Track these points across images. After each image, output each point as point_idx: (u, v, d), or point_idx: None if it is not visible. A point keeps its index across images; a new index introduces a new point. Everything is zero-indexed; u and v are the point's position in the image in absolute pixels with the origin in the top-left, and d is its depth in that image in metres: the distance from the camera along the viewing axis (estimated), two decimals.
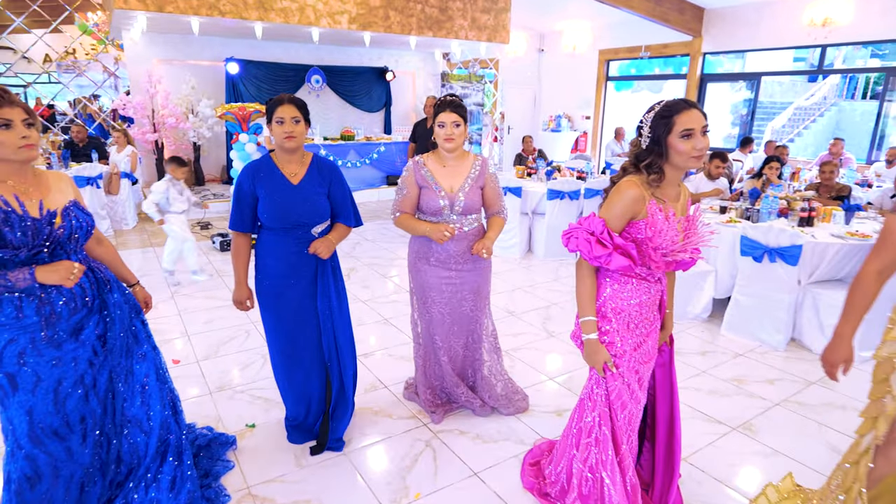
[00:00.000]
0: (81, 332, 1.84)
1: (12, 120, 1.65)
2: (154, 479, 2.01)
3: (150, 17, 6.93)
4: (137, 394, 1.99)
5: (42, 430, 1.80)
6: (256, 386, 3.17)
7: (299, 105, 2.27)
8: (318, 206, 2.33)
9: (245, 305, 2.45)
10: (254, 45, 8.95)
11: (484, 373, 2.86)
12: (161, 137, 8.47)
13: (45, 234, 1.71)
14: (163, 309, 4.32)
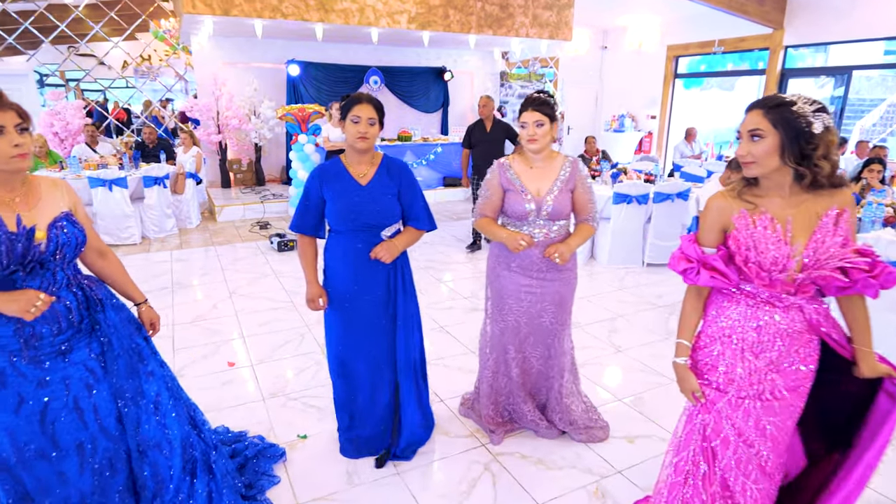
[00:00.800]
0: (70, 353, 1.70)
1: (4, 126, 1.50)
2: (189, 497, 1.90)
3: (216, 20, 7.09)
4: (151, 414, 1.83)
5: (27, 452, 1.67)
6: (310, 394, 3.08)
7: (377, 106, 2.19)
8: (387, 208, 2.24)
9: (317, 304, 2.32)
10: (314, 46, 9.04)
11: (559, 392, 2.62)
12: (225, 138, 8.69)
13: (18, 252, 1.54)
14: (221, 308, 4.34)
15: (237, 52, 8.77)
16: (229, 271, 5.31)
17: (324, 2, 7.27)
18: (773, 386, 1.62)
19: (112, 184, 6.00)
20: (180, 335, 3.84)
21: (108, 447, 1.78)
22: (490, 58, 10.97)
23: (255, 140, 8.71)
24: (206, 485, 1.95)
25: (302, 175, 7.26)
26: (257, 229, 6.96)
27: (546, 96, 2.32)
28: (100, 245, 1.85)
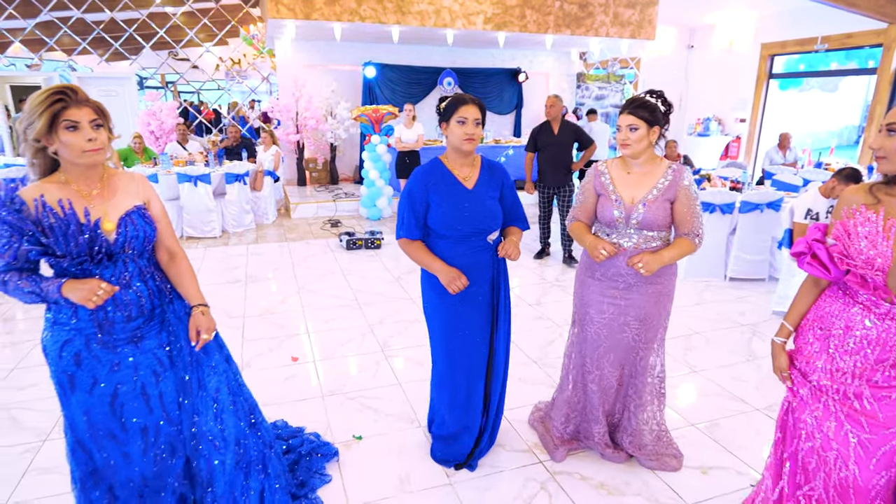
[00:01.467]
0: (141, 340, 1.77)
1: (79, 122, 1.56)
2: (242, 494, 1.92)
3: (298, 24, 7.35)
4: (209, 408, 1.86)
5: (98, 431, 1.76)
6: (368, 394, 3.07)
7: (481, 106, 2.13)
8: (494, 211, 2.19)
9: (459, 280, 2.12)
10: (390, 49, 9.19)
11: (636, 415, 2.43)
12: (302, 138, 9.00)
13: (85, 243, 1.62)
14: (289, 303, 4.46)
15: (317, 55, 9.07)
16: (299, 267, 5.46)
17: (401, 4, 7.35)
18: (860, 395, 1.55)
19: (197, 180, 6.36)
20: (249, 327, 3.97)
21: (169, 433, 1.84)
22: (567, 58, 10.69)
23: (330, 140, 8.97)
24: (260, 483, 1.97)
25: (373, 175, 7.37)
26: (328, 227, 7.14)
27: (647, 99, 2.16)
28: (171, 245, 1.86)
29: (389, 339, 3.77)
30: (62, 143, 1.56)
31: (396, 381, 3.20)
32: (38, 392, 3.09)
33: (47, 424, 2.77)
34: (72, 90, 1.57)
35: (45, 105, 1.52)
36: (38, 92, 1.56)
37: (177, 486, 1.91)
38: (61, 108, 1.54)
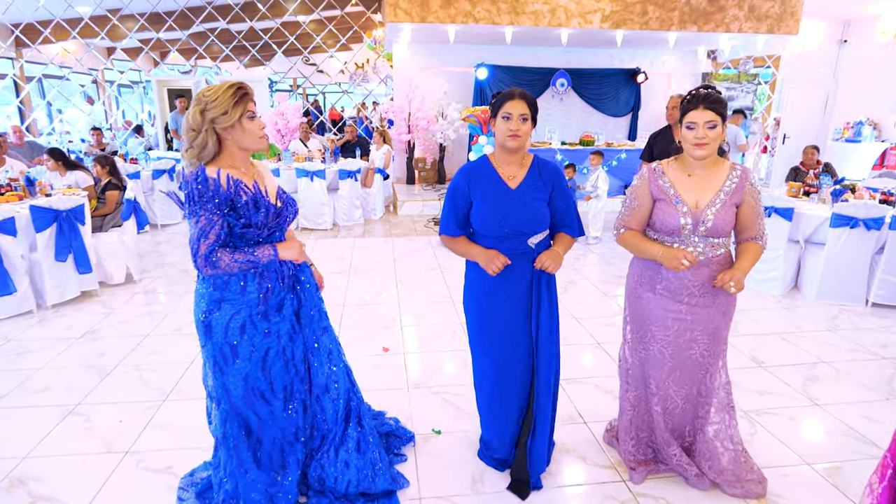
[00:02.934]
0: (283, 307, 1.96)
1: (253, 112, 1.83)
2: (342, 442, 2.12)
3: (414, 28, 7.59)
4: (325, 363, 2.09)
5: (253, 393, 1.96)
6: (451, 390, 3.09)
7: (530, 102, 2.04)
8: (537, 214, 2.07)
9: (498, 259, 2.03)
10: (503, 50, 9.18)
11: (708, 435, 2.25)
12: (413, 138, 9.29)
13: (273, 215, 1.87)
14: (386, 296, 4.61)
15: (430, 58, 9.31)
16: (400, 262, 5.63)
17: (515, 5, 7.31)
18: None
19: (313, 175, 6.81)
20: (347, 315, 4.17)
21: (300, 390, 2.05)
22: (692, 57, 9.99)
23: (440, 140, 9.16)
24: (357, 433, 2.16)
25: None
26: (431, 225, 7.29)
27: (716, 93, 1.98)
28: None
29: None
30: (244, 130, 1.80)
31: None
32: (164, 357, 3.48)
33: (168, 386, 3.11)
34: (242, 86, 1.82)
35: (236, 98, 1.77)
36: (218, 86, 1.79)
37: (304, 440, 2.11)
38: (248, 99, 1.82)
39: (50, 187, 5.00)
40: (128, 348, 3.61)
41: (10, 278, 4.00)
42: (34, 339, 3.77)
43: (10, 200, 4.43)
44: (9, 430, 2.69)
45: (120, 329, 3.94)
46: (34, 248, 4.26)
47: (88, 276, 4.55)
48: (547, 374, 2.18)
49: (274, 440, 2.05)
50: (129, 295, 4.66)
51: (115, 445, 2.57)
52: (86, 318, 4.14)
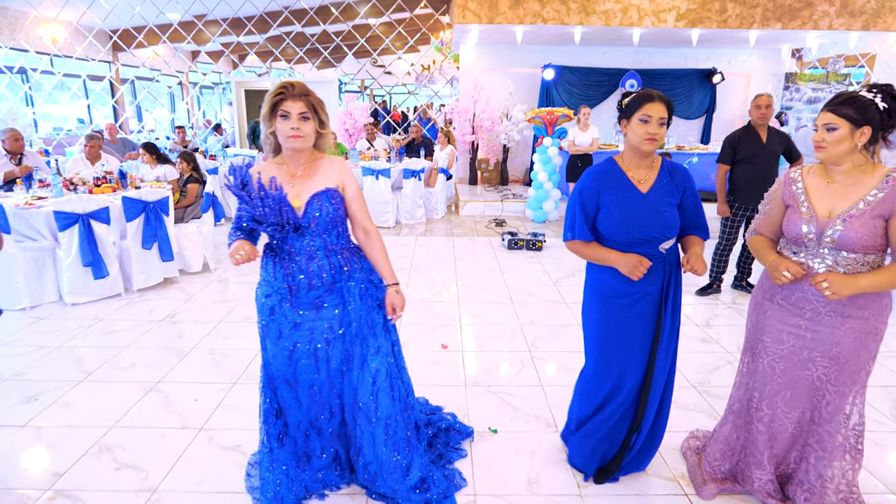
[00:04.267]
0: (320, 308, 2.00)
1: (290, 112, 1.84)
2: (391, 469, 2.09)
3: (482, 29, 7.62)
4: (369, 385, 2.03)
5: (279, 376, 2.06)
6: (509, 391, 3.07)
7: (669, 105, 1.98)
8: (669, 219, 2.02)
9: (642, 265, 1.97)
10: (571, 50, 9.04)
11: (819, 471, 2.03)
12: (477, 139, 9.31)
13: (276, 215, 1.87)
14: (445, 295, 4.65)
15: (497, 59, 9.30)
16: (461, 261, 5.66)
17: (585, 4, 7.19)
18: None
19: (378, 174, 6.96)
20: (407, 312, 4.22)
21: (330, 395, 2.09)
22: (774, 56, 9.46)
23: (504, 141, 9.14)
24: (406, 458, 2.12)
25: (542, 177, 7.33)
26: (493, 225, 7.28)
27: (859, 94, 1.80)
28: (366, 224, 2.05)
29: (538, 341, 3.73)
30: (276, 129, 1.88)
31: (539, 383, 3.15)
32: (236, 342, 3.67)
33: (239, 370, 3.28)
34: (291, 86, 1.87)
35: (271, 96, 1.87)
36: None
37: (332, 438, 2.16)
38: (280, 100, 1.86)
39: (140, 180, 5.39)
40: (203, 332, 3.83)
41: (104, 263, 4.34)
42: (122, 320, 4.07)
43: (105, 192, 4.81)
44: (98, 402, 2.93)
45: (197, 314, 4.19)
46: (124, 236, 4.60)
47: (170, 263, 4.86)
48: (661, 378, 2.15)
49: (299, 424, 2.13)
50: (206, 283, 4.95)
51: (191, 422, 2.74)
52: (167, 303, 4.43)
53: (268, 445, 2.08)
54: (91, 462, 2.43)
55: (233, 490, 2.25)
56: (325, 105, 1.95)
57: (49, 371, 3.27)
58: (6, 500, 2.15)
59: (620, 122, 2.07)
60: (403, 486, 2.11)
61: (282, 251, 1.97)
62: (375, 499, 2.18)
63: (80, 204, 4.25)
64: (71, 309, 4.26)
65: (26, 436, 2.62)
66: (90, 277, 4.34)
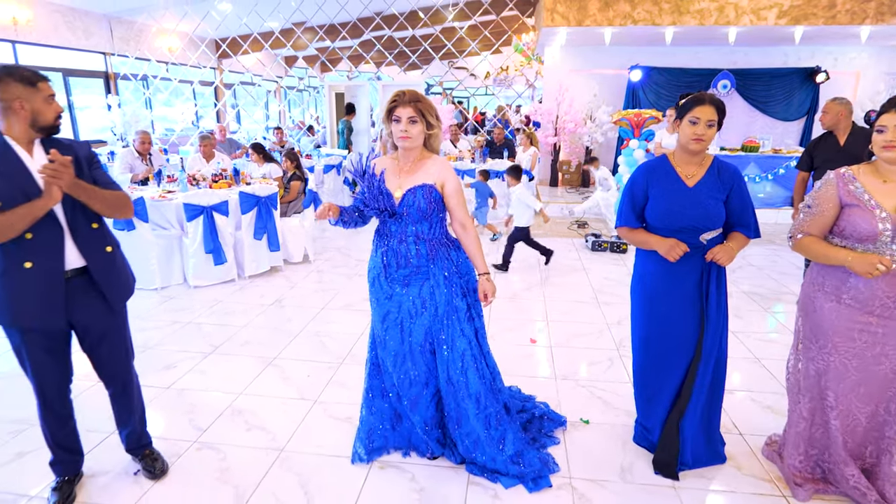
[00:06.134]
0: (408, 286, 2.27)
1: (400, 117, 2.11)
2: (486, 442, 2.30)
3: (569, 31, 7.65)
4: (457, 362, 2.27)
5: (378, 337, 2.36)
6: (599, 386, 3.17)
7: (719, 107, 2.14)
8: (711, 212, 2.16)
9: (678, 247, 2.13)
10: (661, 51, 8.85)
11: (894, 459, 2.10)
12: (559, 141, 9.33)
13: (376, 201, 2.19)
14: (532, 292, 4.78)
15: (582, 60, 9.27)
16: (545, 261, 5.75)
17: (679, 4, 7.05)
18: None
19: (464, 174, 7.18)
20: (497, 307, 4.40)
21: (415, 364, 2.33)
22: (888, 54, 8.79)
23: (586, 143, 9.10)
24: (500, 433, 2.32)
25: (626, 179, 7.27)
26: (575, 227, 7.30)
27: None
28: (463, 219, 2.27)
29: (626, 340, 3.77)
30: (391, 130, 2.18)
31: (628, 380, 3.22)
32: (338, 328, 3.99)
33: (343, 352, 3.58)
34: (403, 94, 2.14)
35: (388, 102, 2.15)
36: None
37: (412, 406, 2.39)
38: (394, 106, 2.14)
39: (249, 177, 5.91)
40: (308, 317, 4.19)
41: (222, 250, 4.84)
42: (236, 303, 4.52)
43: (222, 187, 5.33)
44: (227, 371, 3.32)
45: (301, 300, 4.57)
46: (238, 227, 5.09)
47: (276, 253, 5.32)
48: (707, 361, 2.26)
49: (394, 388, 2.40)
50: (307, 272, 5.36)
51: (307, 394, 3.05)
52: (274, 289, 4.86)
53: (369, 392, 2.45)
54: (226, 422, 2.79)
55: (346, 455, 2.51)
56: (434, 109, 2.19)
57: (182, 343, 3.72)
58: (163, 446, 2.52)
59: (675, 122, 2.22)
60: (501, 455, 2.31)
61: (382, 233, 2.30)
62: (476, 472, 2.37)
63: (205, 197, 4.76)
64: (194, 291, 4.78)
65: (170, 396, 3.03)
66: (211, 263, 4.84)
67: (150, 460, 2.38)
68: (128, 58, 10.74)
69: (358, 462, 2.45)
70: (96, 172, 2.06)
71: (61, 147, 1.97)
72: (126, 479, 2.36)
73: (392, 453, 2.51)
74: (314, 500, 2.23)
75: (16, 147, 1.90)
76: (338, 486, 2.32)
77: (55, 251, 1.94)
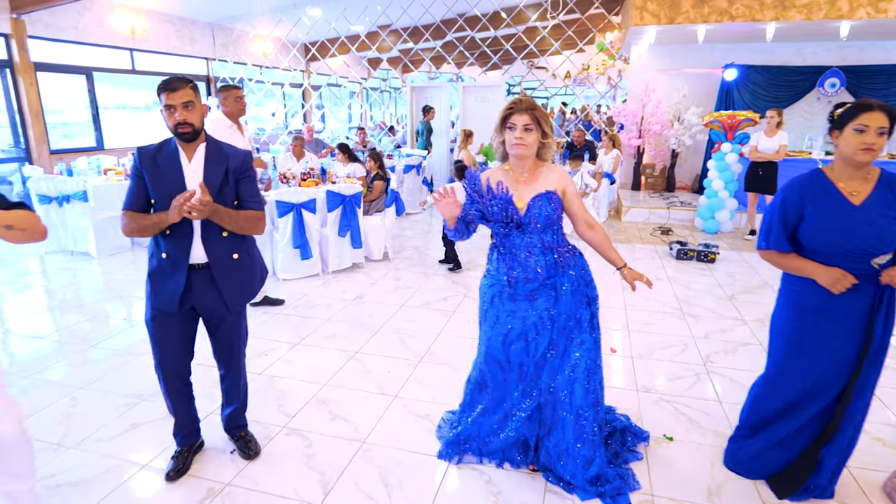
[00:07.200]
0: (535, 300, 2.21)
1: (515, 124, 2.08)
2: (573, 457, 2.26)
3: (659, 29, 7.35)
4: (567, 372, 2.22)
5: (492, 356, 2.31)
6: (683, 402, 3.03)
7: (890, 114, 1.91)
8: (885, 232, 1.93)
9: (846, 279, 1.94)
10: (759, 48, 8.30)
11: None
12: (643, 143, 8.99)
13: (502, 214, 2.15)
14: (612, 300, 4.65)
15: (671, 59, 8.87)
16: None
17: None
18: None
19: None
20: None
21: (533, 376, 2.31)
22: None
23: (673, 146, 8.71)
24: (589, 451, 2.26)
25: (717, 185, 6.89)
26: (658, 234, 7.02)
27: None
28: (588, 219, 2.27)
29: (713, 356, 3.59)
30: (504, 138, 2.16)
31: (717, 399, 3.06)
32: (417, 326, 4.07)
33: (422, 350, 3.65)
34: (520, 101, 2.13)
35: (503, 110, 2.15)
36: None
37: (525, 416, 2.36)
38: (510, 113, 2.13)
39: (335, 176, 6.16)
40: (388, 314, 4.31)
41: (309, 246, 5.08)
42: (320, 297, 4.73)
43: (310, 185, 5.59)
44: (312, 362, 3.48)
45: (381, 297, 4.71)
46: (324, 224, 5.32)
47: (358, 251, 5.51)
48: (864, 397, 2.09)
49: (500, 402, 2.37)
50: (386, 270, 5.51)
51: (387, 389, 3.14)
52: (355, 285, 5.03)
53: (470, 406, 2.45)
54: (312, 410, 2.93)
55: (424, 452, 2.57)
56: (549, 118, 2.16)
57: (273, 332, 3.95)
58: (256, 429, 2.69)
59: (831, 133, 2.01)
60: (582, 475, 2.25)
61: (504, 248, 2.23)
62: (552, 481, 2.34)
63: (295, 195, 5.01)
64: (282, 283, 5.05)
65: (262, 382, 3.23)
66: (298, 258, 5.10)
67: (244, 441, 2.55)
68: (226, 62, 11.49)
69: (446, 461, 2.48)
70: (243, 184, 2.25)
71: (220, 154, 2.19)
72: (223, 457, 2.54)
73: (484, 463, 2.48)
74: (394, 494, 2.30)
75: (181, 151, 2.16)
76: (416, 483, 2.37)
77: (184, 248, 2.16)
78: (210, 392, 2.97)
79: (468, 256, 5.90)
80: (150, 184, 2.11)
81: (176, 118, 2.07)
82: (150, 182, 2.12)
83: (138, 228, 2.10)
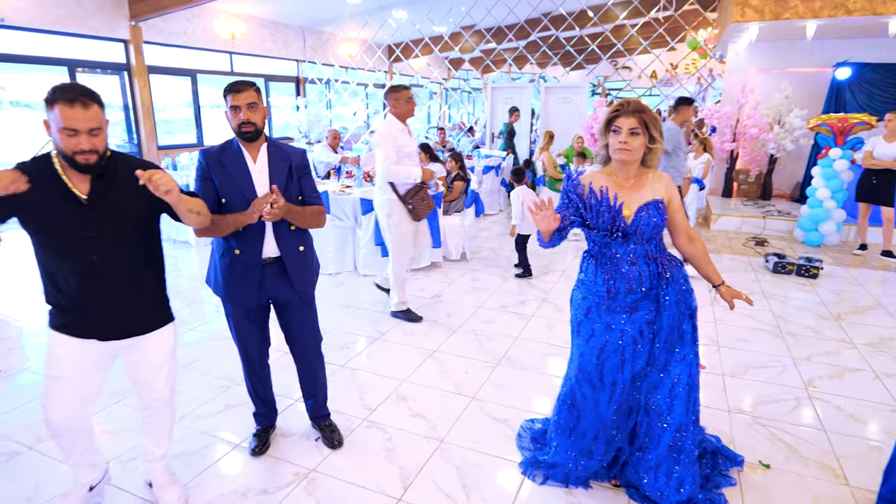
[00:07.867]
0: (635, 312, 2.10)
1: (620, 128, 1.99)
2: (666, 474, 2.14)
3: (762, 26, 6.87)
4: (667, 388, 2.10)
5: (584, 371, 2.20)
6: (781, 428, 2.81)
7: None
8: None
9: None
10: (877, 44, 7.56)
11: None
12: (738, 147, 8.45)
13: (608, 221, 2.04)
14: (704, 312, 4.39)
15: (773, 58, 8.27)
16: None
17: None
18: None
19: None
20: None
21: (631, 393, 2.19)
22: None
23: (771, 151, 8.12)
24: (683, 472, 2.14)
25: (822, 194, 6.35)
26: (752, 244, 6.57)
27: None
28: (689, 231, 2.17)
29: (816, 380, 3.30)
30: (608, 141, 2.07)
31: (821, 427, 2.81)
32: (495, 328, 4.05)
33: (500, 352, 3.63)
34: (627, 103, 2.03)
35: (609, 111, 2.06)
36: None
37: (618, 439, 2.29)
38: (615, 116, 2.04)
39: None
40: (465, 314, 4.32)
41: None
42: None
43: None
44: (392, 359, 3.55)
45: (459, 297, 4.73)
46: None
47: (437, 250, 5.56)
48: None
49: (591, 426, 2.25)
50: (463, 270, 5.53)
51: (464, 390, 3.15)
52: (433, 284, 5.09)
53: (559, 428, 2.33)
54: (392, 406, 2.99)
55: (502, 456, 2.54)
56: (659, 122, 2.05)
57: (354, 327, 4.07)
58: (339, 419, 2.78)
59: None
60: (673, 496, 2.14)
61: (603, 256, 2.13)
62: (637, 499, 2.25)
63: None
64: (362, 279, 5.19)
65: (345, 375, 3.33)
66: (378, 255, 5.22)
67: (328, 431, 2.64)
68: (315, 64, 11.99)
69: (530, 479, 2.40)
70: (304, 180, 2.34)
71: (282, 153, 2.29)
72: (308, 443, 2.65)
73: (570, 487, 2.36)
74: (472, 495, 2.30)
75: (245, 151, 2.24)
76: (494, 487, 2.36)
77: (257, 243, 2.27)
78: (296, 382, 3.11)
79: (544, 261, 5.81)
80: (219, 184, 2.19)
81: (241, 118, 2.16)
82: (217, 183, 2.19)
83: (215, 230, 2.18)
